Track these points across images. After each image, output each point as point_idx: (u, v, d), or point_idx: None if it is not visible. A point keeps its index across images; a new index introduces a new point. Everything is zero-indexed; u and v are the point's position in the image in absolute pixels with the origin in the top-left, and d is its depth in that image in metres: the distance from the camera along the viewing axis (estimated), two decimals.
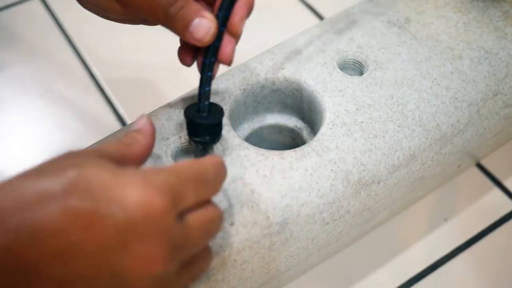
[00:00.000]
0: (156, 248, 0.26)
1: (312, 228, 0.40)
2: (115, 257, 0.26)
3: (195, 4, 0.36)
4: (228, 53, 0.37)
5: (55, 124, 0.61)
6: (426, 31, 0.48)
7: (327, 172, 0.39)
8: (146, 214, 0.26)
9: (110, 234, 0.25)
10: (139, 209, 0.26)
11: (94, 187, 0.26)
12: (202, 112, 0.37)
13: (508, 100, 0.48)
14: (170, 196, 0.27)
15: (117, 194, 0.26)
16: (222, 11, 0.36)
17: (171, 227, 0.27)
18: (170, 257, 0.27)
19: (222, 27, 0.36)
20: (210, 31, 0.35)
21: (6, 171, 0.57)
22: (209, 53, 0.36)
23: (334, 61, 0.45)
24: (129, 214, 0.26)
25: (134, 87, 0.63)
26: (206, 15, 0.35)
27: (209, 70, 0.37)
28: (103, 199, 0.26)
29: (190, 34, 0.35)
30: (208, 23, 0.35)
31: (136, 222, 0.26)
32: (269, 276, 0.42)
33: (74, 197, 0.25)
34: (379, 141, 0.41)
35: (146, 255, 0.26)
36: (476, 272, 0.49)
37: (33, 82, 0.64)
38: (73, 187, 0.26)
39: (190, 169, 0.30)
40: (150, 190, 0.27)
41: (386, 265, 0.49)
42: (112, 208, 0.26)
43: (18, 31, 0.70)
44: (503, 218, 0.53)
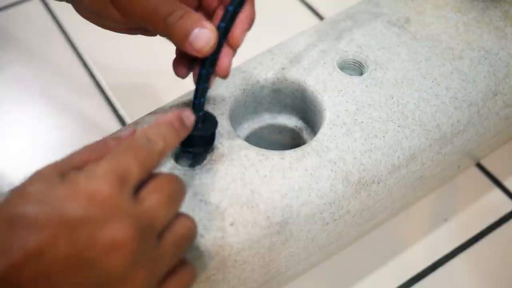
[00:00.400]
0: (119, 230, 0.27)
1: (312, 228, 0.40)
2: (86, 253, 0.26)
3: (195, 14, 0.35)
4: (226, 65, 0.37)
5: (55, 124, 0.61)
6: (426, 31, 0.48)
7: (327, 172, 0.39)
8: (97, 203, 0.27)
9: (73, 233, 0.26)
10: (89, 202, 0.27)
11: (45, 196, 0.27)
12: (196, 123, 0.37)
13: (508, 100, 0.48)
14: (113, 177, 0.28)
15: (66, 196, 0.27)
16: (224, 22, 0.35)
17: (127, 205, 0.28)
18: (138, 235, 0.27)
19: (222, 38, 0.36)
20: (210, 42, 0.35)
21: (6, 171, 0.57)
22: (207, 64, 0.36)
23: (334, 61, 0.45)
24: (81, 208, 0.27)
25: (134, 87, 0.63)
26: (206, 25, 0.35)
27: (206, 81, 0.36)
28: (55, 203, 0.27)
29: (189, 44, 0.35)
30: (209, 34, 0.35)
31: (92, 214, 0.27)
32: (269, 276, 0.42)
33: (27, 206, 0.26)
34: (379, 141, 0.41)
35: (113, 239, 0.27)
36: (476, 272, 0.49)
37: (33, 82, 0.64)
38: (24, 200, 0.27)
39: (120, 147, 0.30)
40: (93, 179, 0.28)
41: (386, 265, 0.49)
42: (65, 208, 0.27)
43: (18, 31, 0.70)
44: (503, 218, 0.53)
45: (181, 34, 0.35)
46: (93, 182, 0.27)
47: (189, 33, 0.34)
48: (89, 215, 0.27)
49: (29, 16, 0.71)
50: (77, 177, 0.28)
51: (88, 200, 0.27)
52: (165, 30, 0.35)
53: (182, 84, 0.40)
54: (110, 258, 0.27)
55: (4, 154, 0.59)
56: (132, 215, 0.28)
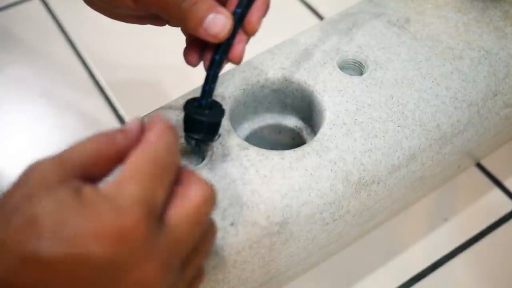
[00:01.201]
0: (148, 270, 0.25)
1: (312, 228, 0.40)
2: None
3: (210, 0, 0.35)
4: (240, 51, 0.36)
5: (55, 124, 0.61)
6: (426, 31, 0.48)
7: (327, 172, 0.39)
8: (129, 243, 0.24)
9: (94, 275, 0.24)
10: (118, 242, 0.24)
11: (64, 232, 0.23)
12: (204, 108, 0.37)
13: (508, 100, 0.48)
14: (143, 210, 0.25)
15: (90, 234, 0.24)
16: (240, 8, 0.35)
17: (155, 240, 0.25)
18: (164, 270, 0.26)
19: (238, 24, 0.35)
20: (226, 27, 0.34)
21: (6, 171, 0.57)
22: (220, 50, 0.36)
23: (334, 61, 0.45)
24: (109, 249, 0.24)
25: (134, 87, 0.63)
26: (221, 11, 0.34)
27: (218, 67, 0.36)
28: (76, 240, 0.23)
29: (204, 30, 0.34)
30: (224, 19, 0.34)
31: (121, 254, 0.24)
32: (269, 276, 0.42)
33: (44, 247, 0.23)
34: (379, 141, 0.41)
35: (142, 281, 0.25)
36: (476, 272, 0.49)
37: (33, 82, 0.64)
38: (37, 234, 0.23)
39: (147, 163, 0.27)
40: (122, 215, 0.24)
41: (386, 265, 0.49)
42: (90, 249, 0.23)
43: (18, 31, 0.70)
44: (503, 218, 0.53)
45: (196, 20, 0.34)
46: (120, 217, 0.24)
47: (203, 19, 0.34)
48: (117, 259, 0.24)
49: (29, 16, 0.71)
50: (100, 205, 0.24)
51: (116, 241, 0.24)
52: (179, 16, 0.35)
53: (183, 84, 0.40)
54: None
55: (4, 154, 0.59)
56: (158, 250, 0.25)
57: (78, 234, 0.23)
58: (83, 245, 0.23)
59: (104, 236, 0.24)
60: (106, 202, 0.25)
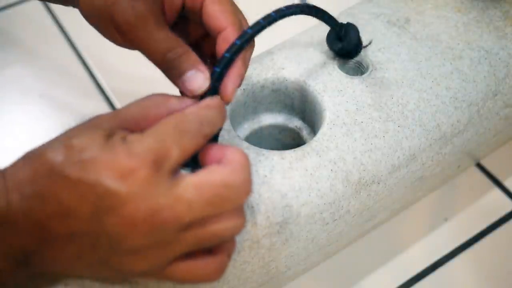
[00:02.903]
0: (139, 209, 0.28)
1: (312, 228, 0.40)
2: (106, 221, 0.28)
3: (194, 55, 0.36)
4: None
5: (55, 124, 0.61)
6: (426, 31, 0.48)
7: (327, 172, 0.39)
8: (129, 181, 0.28)
9: (98, 200, 0.28)
10: (122, 177, 0.28)
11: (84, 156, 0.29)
12: None
13: (508, 100, 0.48)
14: (151, 159, 0.29)
15: (102, 165, 0.28)
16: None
17: (156, 189, 0.29)
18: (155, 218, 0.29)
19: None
20: (202, 87, 0.35)
21: None
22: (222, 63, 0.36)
23: (334, 61, 0.45)
24: (113, 183, 0.28)
25: (134, 88, 0.63)
26: (202, 69, 0.36)
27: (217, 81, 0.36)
28: (91, 168, 0.28)
29: (182, 83, 0.36)
30: (202, 77, 0.35)
31: (120, 189, 0.28)
32: (269, 276, 0.42)
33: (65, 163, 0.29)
34: (379, 141, 0.41)
35: (131, 219, 0.28)
36: (476, 272, 0.49)
37: (33, 83, 0.64)
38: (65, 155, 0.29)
39: (169, 123, 0.31)
40: (132, 158, 0.28)
41: (386, 265, 0.49)
42: (98, 177, 0.28)
43: (18, 32, 0.70)
44: (503, 218, 0.53)
45: (178, 71, 0.36)
46: (130, 160, 0.28)
47: (184, 73, 0.35)
48: (116, 191, 0.28)
49: (29, 16, 0.71)
50: (118, 148, 0.29)
51: (121, 176, 0.28)
52: (162, 63, 0.36)
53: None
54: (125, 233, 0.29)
55: (4, 154, 0.59)
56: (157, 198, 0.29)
57: (93, 162, 0.28)
58: (93, 171, 0.28)
59: (112, 170, 0.28)
60: (124, 145, 0.29)
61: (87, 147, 0.29)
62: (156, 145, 0.29)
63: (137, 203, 0.28)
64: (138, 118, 0.32)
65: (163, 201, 0.29)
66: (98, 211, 0.28)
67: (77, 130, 0.31)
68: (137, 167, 0.28)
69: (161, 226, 0.29)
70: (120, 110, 0.32)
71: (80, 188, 0.28)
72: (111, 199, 0.28)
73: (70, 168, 0.28)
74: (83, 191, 0.28)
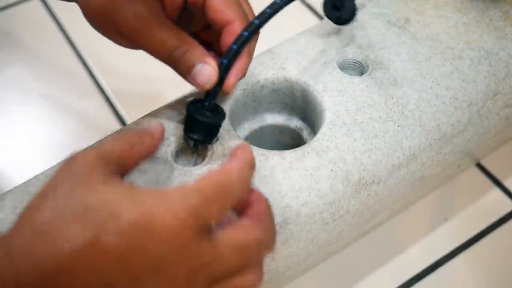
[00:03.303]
0: (184, 272, 0.28)
1: (312, 228, 0.40)
2: (147, 283, 0.27)
3: (200, 48, 0.36)
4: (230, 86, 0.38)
5: (55, 124, 0.61)
6: (426, 31, 0.48)
7: (327, 172, 0.39)
8: (175, 244, 0.27)
9: (143, 265, 0.27)
10: (169, 239, 0.27)
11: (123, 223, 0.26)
12: (206, 110, 0.38)
13: (508, 100, 0.48)
14: (196, 220, 0.28)
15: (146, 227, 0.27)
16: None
17: (199, 249, 0.28)
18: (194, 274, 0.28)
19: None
20: (212, 78, 0.36)
21: (6, 171, 0.57)
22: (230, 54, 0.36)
23: (334, 61, 0.45)
24: (160, 245, 0.27)
25: (134, 87, 0.63)
26: (209, 61, 0.36)
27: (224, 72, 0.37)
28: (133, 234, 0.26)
29: (192, 78, 0.36)
30: (210, 70, 0.36)
31: (167, 251, 0.27)
32: (269, 276, 0.42)
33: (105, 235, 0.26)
34: (379, 141, 0.41)
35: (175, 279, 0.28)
36: (476, 272, 0.49)
37: (33, 82, 0.64)
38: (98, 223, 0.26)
39: (214, 184, 0.30)
40: (177, 218, 0.27)
41: (386, 265, 0.49)
42: (144, 242, 0.26)
43: (18, 32, 0.70)
44: (503, 218, 0.53)
45: (185, 67, 0.36)
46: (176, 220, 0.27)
47: (192, 68, 0.36)
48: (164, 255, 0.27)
49: (29, 16, 0.71)
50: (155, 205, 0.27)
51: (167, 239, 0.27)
52: (169, 62, 0.37)
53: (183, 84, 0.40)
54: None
55: (4, 154, 0.59)
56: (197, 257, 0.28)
57: (137, 227, 0.26)
58: (138, 240, 0.26)
59: (158, 235, 0.27)
60: (164, 201, 0.28)
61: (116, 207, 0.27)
62: (200, 204, 0.28)
63: (182, 264, 0.28)
64: (122, 156, 0.31)
65: (204, 261, 0.28)
66: (140, 274, 0.27)
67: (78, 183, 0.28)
68: (183, 228, 0.27)
69: (197, 283, 0.29)
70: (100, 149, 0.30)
71: (123, 258, 0.26)
72: (156, 262, 0.27)
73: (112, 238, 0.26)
74: (127, 260, 0.26)
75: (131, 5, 0.35)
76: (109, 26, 0.37)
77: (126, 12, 0.35)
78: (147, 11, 0.36)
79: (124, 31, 0.36)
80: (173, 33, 0.36)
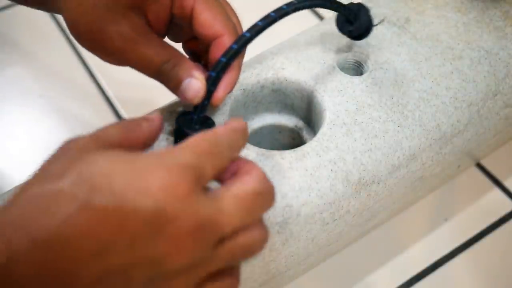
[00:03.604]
0: (183, 226, 0.27)
1: (312, 228, 0.40)
2: (149, 246, 0.26)
3: (188, 62, 0.36)
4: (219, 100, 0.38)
5: (55, 124, 0.61)
6: (426, 31, 0.48)
7: (327, 172, 0.39)
8: (172, 199, 0.26)
9: (140, 225, 0.26)
10: (165, 195, 0.26)
11: (115, 183, 0.26)
12: (195, 123, 0.37)
13: (508, 100, 0.48)
14: (192, 174, 0.27)
15: (139, 185, 0.26)
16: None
17: (199, 205, 0.27)
18: (198, 233, 0.27)
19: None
20: (199, 92, 0.36)
21: (6, 171, 0.57)
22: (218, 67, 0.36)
23: (334, 61, 0.45)
24: (156, 202, 0.26)
25: (134, 87, 0.63)
26: (196, 76, 0.36)
27: (212, 85, 0.37)
28: (127, 193, 0.26)
29: (181, 93, 0.36)
30: (198, 84, 0.36)
31: (164, 208, 0.26)
32: (269, 276, 0.42)
33: (97, 196, 0.25)
34: (379, 141, 0.41)
35: (178, 236, 0.26)
36: (476, 272, 0.49)
37: (33, 83, 0.64)
38: (90, 186, 0.25)
39: (203, 142, 0.29)
40: (172, 173, 0.27)
41: (386, 265, 0.49)
42: (138, 201, 0.26)
43: (18, 32, 0.70)
44: (503, 218, 0.53)
45: (174, 82, 0.36)
46: (168, 175, 0.27)
47: (180, 82, 0.36)
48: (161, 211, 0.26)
49: (29, 16, 0.71)
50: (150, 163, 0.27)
51: (163, 195, 0.26)
52: (158, 78, 0.37)
53: None
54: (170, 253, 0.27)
55: (4, 154, 0.59)
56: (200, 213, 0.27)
57: (130, 186, 0.26)
58: (133, 199, 0.25)
59: (152, 191, 0.26)
60: (157, 160, 0.27)
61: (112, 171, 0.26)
62: (191, 160, 0.28)
63: (182, 219, 0.26)
64: (118, 142, 0.30)
65: (206, 215, 0.27)
66: (140, 236, 0.26)
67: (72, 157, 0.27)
68: (179, 181, 0.27)
69: (203, 241, 0.28)
70: (96, 134, 0.30)
71: (118, 218, 0.25)
72: (155, 221, 0.26)
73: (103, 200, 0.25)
74: (123, 220, 0.25)
75: (115, 25, 0.35)
76: (95, 46, 0.37)
77: (111, 33, 0.35)
78: (132, 29, 0.35)
79: (110, 51, 0.36)
80: (159, 49, 0.36)
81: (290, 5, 0.37)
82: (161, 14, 0.37)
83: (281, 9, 0.36)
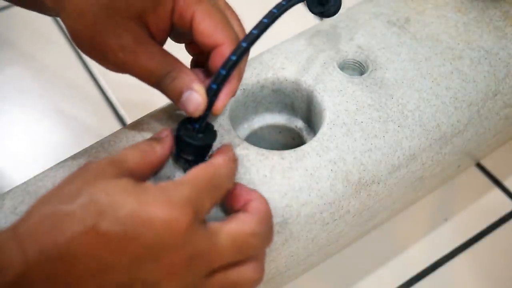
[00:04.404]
0: (181, 256, 0.29)
1: (312, 228, 0.40)
2: (146, 269, 0.29)
3: (188, 74, 0.36)
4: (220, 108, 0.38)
5: (55, 124, 0.61)
6: (426, 31, 0.48)
7: (327, 172, 0.39)
8: (172, 231, 0.29)
9: (140, 250, 0.29)
10: (165, 228, 0.29)
11: (121, 212, 0.28)
12: (196, 132, 0.37)
13: (508, 100, 0.48)
14: (191, 209, 0.30)
15: (143, 217, 0.29)
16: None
17: (195, 237, 0.30)
18: (192, 262, 0.30)
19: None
20: (200, 106, 0.36)
21: (6, 171, 0.57)
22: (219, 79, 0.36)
23: (334, 61, 0.45)
24: (156, 233, 0.29)
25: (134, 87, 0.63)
26: (196, 89, 0.36)
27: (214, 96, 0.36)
28: (131, 223, 0.28)
29: (182, 105, 0.36)
30: (198, 98, 0.36)
31: (164, 239, 0.29)
32: (269, 276, 0.42)
33: (103, 222, 0.28)
34: (379, 141, 0.41)
35: (173, 264, 0.29)
36: (476, 272, 0.49)
37: (33, 83, 0.64)
38: (98, 212, 0.28)
39: (204, 177, 0.32)
40: (173, 208, 0.29)
41: (386, 265, 0.49)
42: (141, 230, 0.28)
43: (18, 32, 0.70)
44: (503, 218, 0.53)
45: (175, 94, 0.37)
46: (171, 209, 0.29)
47: (181, 95, 0.36)
48: (161, 241, 0.29)
49: (29, 16, 0.71)
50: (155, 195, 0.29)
51: (164, 227, 0.29)
52: (159, 89, 0.37)
53: None
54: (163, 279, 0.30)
55: (4, 154, 0.59)
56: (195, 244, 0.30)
57: (134, 216, 0.28)
58: (136, 228, 0.28)
59: (154, 224, 0.29)
60: (162, 195, 0.30)
61: (119, 199, 0.29)
62: (192, 196, 0.30)
63: (179, 251, 0.29)
64: (135, 166, 0.33)
65: (201, 248, 0.30)
66: (138, 261, 0.29)
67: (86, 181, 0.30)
68: (179, 216, 0.29)
69: (195, 270, 0.30)
70: (113, 158, 0.32)
71: (120, 243, 0.28)
72: (154, 248, 0.29)
73: (110, 225, 0.28)
74: (124, 246, 0.28)
75: (117, 38, 0.35)
76: (97, 55, 0.37)
77: (112, 45, 0.35)
78: (133, 41, 0.35)
79: (112, 62, 0.36)
80: (160, 61, 0.36)
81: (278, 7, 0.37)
82: (162, 23, 0.37)
83: (271, 12, 0.36)
